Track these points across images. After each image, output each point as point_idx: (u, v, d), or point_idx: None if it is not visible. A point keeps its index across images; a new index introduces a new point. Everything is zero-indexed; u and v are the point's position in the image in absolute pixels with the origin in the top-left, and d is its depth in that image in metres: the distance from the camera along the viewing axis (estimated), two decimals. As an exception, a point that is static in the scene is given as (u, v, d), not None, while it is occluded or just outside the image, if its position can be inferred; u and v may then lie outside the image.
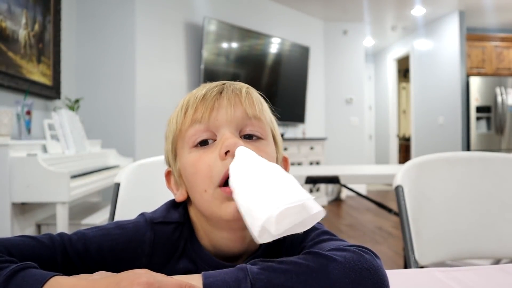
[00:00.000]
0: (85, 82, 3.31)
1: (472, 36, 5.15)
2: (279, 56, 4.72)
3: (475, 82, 5.03)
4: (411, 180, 1.01)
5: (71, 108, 2.84)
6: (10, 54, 2.34)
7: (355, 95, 5.65)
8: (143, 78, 3.41)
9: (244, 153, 0.48)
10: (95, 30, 3.31)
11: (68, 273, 0.49)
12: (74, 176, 2.08)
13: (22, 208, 2.06)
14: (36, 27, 2.62)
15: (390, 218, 4.16)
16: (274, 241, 0.55)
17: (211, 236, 0.55)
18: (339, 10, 5.19)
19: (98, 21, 3.32)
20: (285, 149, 4.52)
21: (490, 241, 1.02)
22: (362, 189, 5.55)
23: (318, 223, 0.58)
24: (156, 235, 0.55)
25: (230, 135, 0.52)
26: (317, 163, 5.02)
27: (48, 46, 2.78)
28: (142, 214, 0.58)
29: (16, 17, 2.38)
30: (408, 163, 1.05)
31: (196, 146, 0.54)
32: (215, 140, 0.53)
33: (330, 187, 5.38)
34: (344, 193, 5.63)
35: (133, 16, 3.35)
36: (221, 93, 0.55)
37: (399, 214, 0.98)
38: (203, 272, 0.41)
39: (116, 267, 0.53)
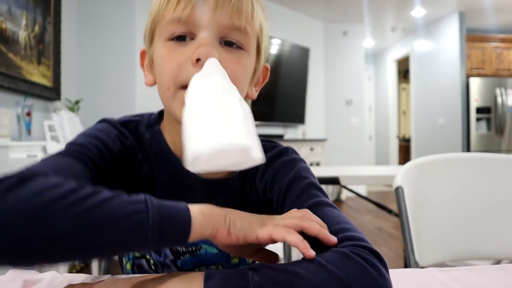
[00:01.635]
0: (85, 83, 3.31)
1: (472, 37, 5.16)
2: (279, 57, 4.73)
3: (475, 83, 5.03)
4: (411, 181, 1.01)
5: (71, 109, 2.84)
6: (10, 55, 2.34)
7: (355, 96, 5.66)
8: (143, 79, 3.41)
9: (211, 67, 0.47)
10: (95, 31, 3.32)
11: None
12: (74, 177, 2.07)
13: (22, 209, 2.06)
14: (36, 28, 2.63)
15: (390, 219, 4.16)
16: (251, 171, 0.55)
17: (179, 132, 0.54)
18: (339, 11, 5.20)
19: (98, 22, 3.32)
20: (285, 150, 4.51)
21: (491, 241, 1.02)
22: (362, 190, 5.54)
23: (303, 165, 0.58)
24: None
25: (206, 42, 0.50)
26: (317, 164, 5.02)
27: (48, 47, 2.78)
28: (106, 122, 0.58)
29: (16, 18, 2.39)
30: (408, 164, 1.05)
31: (172, 39, 0.52)
32: (193, 39, 0.51)
33: (330, 188, 5.37)
34: (344, 194, 5.63)
35: (133, 17, 3.36)
36: None
37: (399, 215, 0.98)
38: (205, 274, 0.40)
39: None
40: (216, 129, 0.39)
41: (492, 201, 1.04)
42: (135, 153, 0.57)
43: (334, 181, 2.05)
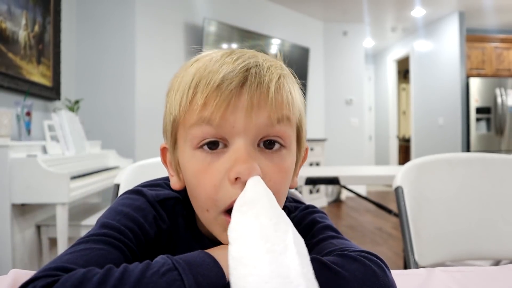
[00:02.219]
0: (85, 83, 3.31)
1: (472, 37, 5.16)
2: (279, 57, 4.72)
3: (475, 83, 5.04)
4: (411, 181, 1.01)
5: (71, 109, 2.84)
6: (10, 55, 2.34)
7: (355, 96, 5.66)
8: (143, 79, 3.41)
9: (255, 191, 0.40)
10: (95, 31, 3.32)
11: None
12: (74, 177, 2.08)
13: (22, 209, 2.06)
14: (36, 28, 2.62)
15: (390, 219, 4.16)
16: None
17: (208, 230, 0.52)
18: (339, 11, 5.20)
19: (98, 22, 3.32)
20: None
21: (490, 242, 1.02)
22: (362, 190, 5.55)
23: (321, 214, 0.56)
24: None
25: (245, 156, 0.42)
26: (317, 164, 5.02)
27: (48, 47, 2.78)
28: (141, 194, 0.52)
29: (16, 18, 2.38)
30: (408, 164, 1.05)
31: (201, 147, 0.45)
32: (226, 145, 0.44)
33: (330, 188, 5.38)
34: (344, 194, 5.63)
35: (133, 17, 3.36)
36: (242, 85, 0.43)
37: (399, 215, 0.98)
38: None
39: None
40: None
41: (492, 201, 1.04)
42: (170, 237, 0.53)
43: (334, 181, 2.05)
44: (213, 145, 0.44)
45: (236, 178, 0.42)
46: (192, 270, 0.37)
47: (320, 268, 0.39)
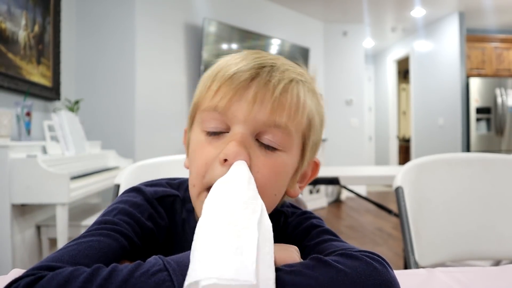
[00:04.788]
0: (85, 83, 3.31)
1: (472, 37, 5.16)
2: (279, 57, 4.72)
3: (475, 83, 5.04)
4: (411, 181, 1.01)
5: (71, 109, 2.84)
6: (10, 55, 2.34)
7: (355, 97, 5.66)
8: (143, 79, 3.41)
9: (236, 172, 0.43)
10: (95, 31, 3.31)
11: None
12: (74, 177, 2.08)
13: (22, 209, 2.06)
14: (36, 28, 2.62)
15: (390, 219, 4.16)
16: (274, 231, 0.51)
17: None
18: (339, 11, 5.20)
19: (98, 23, 3.32)
20: (285, 150, 4.51)
21: (490, 242, 1.02)
22: (362, 190, 5.54)
23: (318, 219, 0.56)
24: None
25: (238, 139, 0.45)
26: (317, 164, 5.01)
27: (48, 47, 2.78)
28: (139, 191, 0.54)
29: (16, 18, 2.38)
30: (408, 164, 1.04)
31: (207, 133, 0.49)
32: (227, 132, 0.48)
33: (330, 188, 5.37)
34: (344, 194, 5.62)
35: (133, 18, 3.35)
36: (252, 80, 0.47)
37: (399, 215, 0.98)
38: None
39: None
40: (222, 258, 0.33)
41: (492, 201, 1.04)
42: (169, 233, 0.54)
43: (334, 181, 2.05)
44: (217, 130, 0.48)
45: (225, 160, 0.45)
46: (183, 271, 0.36)
47: (321, 266, 0.39)
